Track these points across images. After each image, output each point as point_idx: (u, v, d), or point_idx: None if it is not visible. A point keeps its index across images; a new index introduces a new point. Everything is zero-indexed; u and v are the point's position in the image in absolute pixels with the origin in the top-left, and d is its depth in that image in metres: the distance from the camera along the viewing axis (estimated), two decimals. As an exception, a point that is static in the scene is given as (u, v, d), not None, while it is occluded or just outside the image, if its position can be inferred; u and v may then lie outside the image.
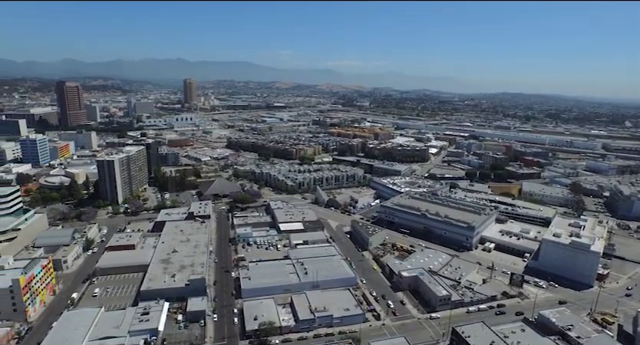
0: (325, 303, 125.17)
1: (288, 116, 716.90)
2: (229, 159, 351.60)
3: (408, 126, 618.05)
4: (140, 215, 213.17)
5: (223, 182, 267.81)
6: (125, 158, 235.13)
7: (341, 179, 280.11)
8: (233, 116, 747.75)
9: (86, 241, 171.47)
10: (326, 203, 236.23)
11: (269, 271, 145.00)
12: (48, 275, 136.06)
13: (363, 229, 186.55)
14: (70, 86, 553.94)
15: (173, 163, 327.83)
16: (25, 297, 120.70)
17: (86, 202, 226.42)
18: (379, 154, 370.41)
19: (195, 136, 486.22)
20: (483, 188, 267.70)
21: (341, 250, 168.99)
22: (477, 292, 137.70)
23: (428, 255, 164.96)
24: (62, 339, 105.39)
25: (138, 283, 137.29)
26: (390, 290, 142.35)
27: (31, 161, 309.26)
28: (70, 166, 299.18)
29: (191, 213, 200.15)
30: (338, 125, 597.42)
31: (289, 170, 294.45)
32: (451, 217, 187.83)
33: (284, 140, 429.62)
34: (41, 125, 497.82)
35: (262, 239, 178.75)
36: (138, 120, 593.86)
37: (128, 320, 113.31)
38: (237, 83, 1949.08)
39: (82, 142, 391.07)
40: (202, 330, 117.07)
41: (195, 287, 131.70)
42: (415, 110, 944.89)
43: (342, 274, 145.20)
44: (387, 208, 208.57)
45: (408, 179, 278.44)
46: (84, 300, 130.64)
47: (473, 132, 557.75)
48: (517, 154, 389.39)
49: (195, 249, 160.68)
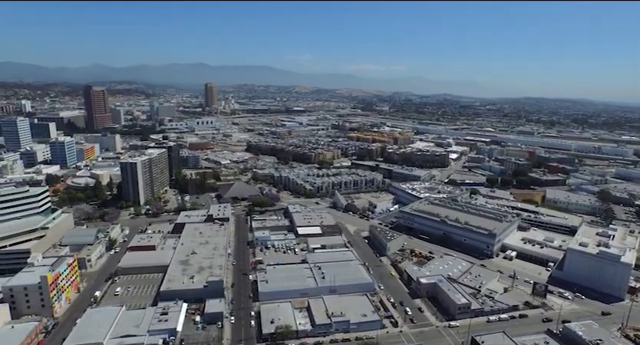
0: (342, 308, 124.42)
1: (307, 121, 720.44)
2: (249, 163, 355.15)
3: (428, 131, 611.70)
4: (160, 217, 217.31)
5: (242, 185, 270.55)
6: (147, 160, 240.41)
7: (360, 184, 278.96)
8: (253, 119, 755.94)
9: (109, 240, 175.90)
10: (344, 208, 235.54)
11: (287, 275, 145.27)
12: (73, 273, 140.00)
13: (381, 234, 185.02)
14: (97, 90, 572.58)
15: (194, 166, 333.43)
16: (52, 293, 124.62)
17: (109, 202, 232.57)
18: (398, 159, 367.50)
19: (215, 140, 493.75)
20: (504, 194, 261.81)
21: (359, 255, 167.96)
22: (498, 301, 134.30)
23: (447, 262, 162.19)
24: (86, 335, 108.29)
25: (158, 283, 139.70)
26: (408, 297, 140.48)
27: (59, 162, 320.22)
28: (95, 168, 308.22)
29: (210, 215, 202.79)
30: (357, 129, 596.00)
31: (308, 174, 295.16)
32: (471, 223, 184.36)
33: (303, 144, 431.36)
34: (69, 128, 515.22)
35: (280, 243, 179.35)
36: (160, 123, 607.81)
37: (148, 320, 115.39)
38: (257, 88, 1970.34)
39: (107, 145, 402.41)
40: (219, 332, 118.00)
41: (213, 289, 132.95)
42: (435, 115, 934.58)
43: (360, 279, 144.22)
44: (406, 214, 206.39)
45: (428, 185, 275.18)
46: (106, 299, 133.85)
47: (495, 137, 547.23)
48: (541, 160, 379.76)
49: (213, 251, 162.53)
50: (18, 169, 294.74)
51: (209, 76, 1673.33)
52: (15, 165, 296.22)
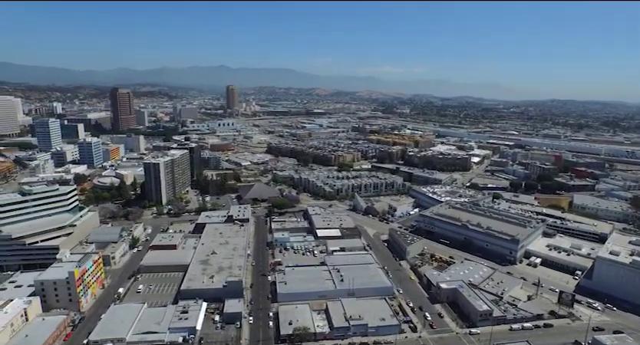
0: (361, 311, 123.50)
1: (327, 123, 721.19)
2: (269, 164, 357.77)
3: (449, 134, 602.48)
4: (181, 217, 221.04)
5: (262, 186, 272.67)
6: (170, 161, 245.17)
7: (380, 187, 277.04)
8: (273, 121, 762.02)
9: (132, 239, 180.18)
10: (364, 210, 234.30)
11: (305, 277, 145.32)
12: (99, 270, 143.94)
13: (401, 238, 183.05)
14: (122, 92, 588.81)
15: (215, 167, 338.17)
16: (79, 288, 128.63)
17: (133, 202, 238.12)
18: (419, 162, 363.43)
19: (236, 141, 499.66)
20: (529, 199, 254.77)
21: (378, 258, 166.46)
22: (521, 309, 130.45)
23: (468, 267, 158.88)
24: (110, 330, 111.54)
25: (178, 282, 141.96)
26: (427, 302, 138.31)
27: (86, 162, 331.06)
28: (120, 168, 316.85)
29: (230, 216, 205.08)
30: (377, 132, 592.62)
31: (328, 176, 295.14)
32: (494, 229, 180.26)
33: (323, 146, 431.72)
34: (96, 129, 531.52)
35: (299, 244, 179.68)
36: (183, 125, 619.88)
37: (168, 317, 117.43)
38: (278, 90, 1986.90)
39: (131, 146, 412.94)
40: (237, 332, 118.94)
41: (232, 289, 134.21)
42: (457, 118, 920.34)
43: (379, 282, 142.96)
44: (427, 218, 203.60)
45: (449, 188, 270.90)
46: (128, 296, 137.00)
47: (519, 140, 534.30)
48: (568, 164, 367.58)
49: (233, 252, 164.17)
50: (49, 168, 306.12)
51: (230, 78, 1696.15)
52: (47, 165, 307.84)
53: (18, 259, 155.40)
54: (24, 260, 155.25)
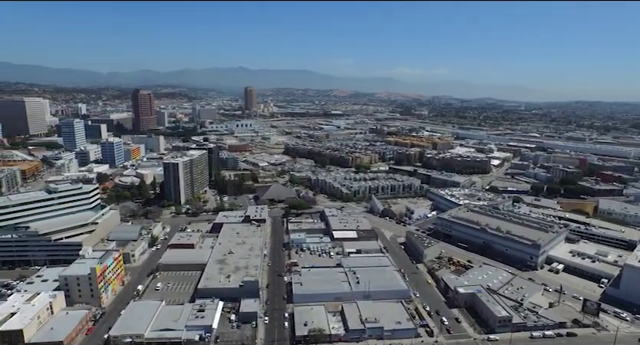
0: (376, 314, 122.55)
1: (345, 124, 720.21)
2: (286, 165, 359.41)
3: (469, 136, 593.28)
4: (199, 216, 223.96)
5: (280, 187, 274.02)
6: (188, 161, 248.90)
7: (397, 189, 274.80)
8: (291, 123, 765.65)
9: (151, 237, 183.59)
10: (381, 212, 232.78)
11: (321, 278, 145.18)
12: (119, 267, 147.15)
13: (418, 241, 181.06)
14: (144, 94, 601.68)
15: (233, 168, 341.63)
16: (100, 284, 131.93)
17: (152, 201, 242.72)
18: (437, 164, 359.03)
19: (254, 142, 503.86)
20: (551, 203, 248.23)
21: (395, 261, 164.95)
22: (542, 316, 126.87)
23: (487, 272, 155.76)
24: (129, 326, 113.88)
25: (196, 281, 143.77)
26: (444, 306, 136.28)
27: (108, 162, 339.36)
28: (140, 167, 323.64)
29: (247, 216, 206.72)
30: (395, 134, 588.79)
31: (345, 178, 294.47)
32: (514, 233, 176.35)
33: (340, 148, 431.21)
34: (118, 129, 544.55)
35: (316, 246, 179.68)
36: (202, 126, 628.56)
37: (185, 315, 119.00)
38: (296, 91, 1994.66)
39: (151, 146, 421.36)
40: (253, 332, 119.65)
41: (248, 289, 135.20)
42: (476, 120, 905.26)
43: (395, 285, 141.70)
44: (445, 221, 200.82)
45: (467, 191, 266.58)
46: (147, 293, 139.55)
47: (541, 143, 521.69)
48: (593, 168, 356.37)
49: (250, 252, 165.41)
50: (73, 167, 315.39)
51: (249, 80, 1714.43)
52: (71, 164, 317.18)
53: (45, 254, 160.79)
54: (50, 255, 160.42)
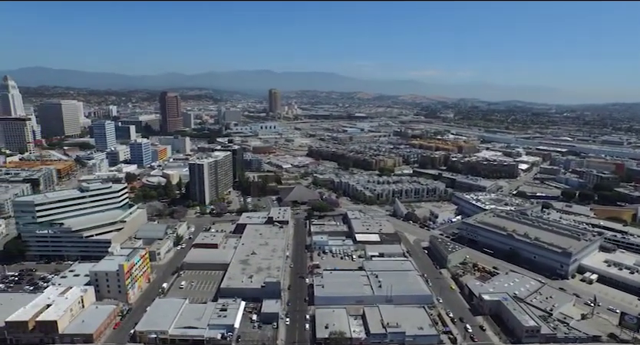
0: (398, 319, 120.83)
1: (368, 127, 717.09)
2: (309, 168, 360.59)
3: (495, 140, 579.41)
4: (223, 217, 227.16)
5: (303, 189, 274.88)
6: (213, 162, 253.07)
7: (421, 193, 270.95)
8: (315, 125, 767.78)
9: (176, 237, 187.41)
10: (404, 216, 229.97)
11: (343, 281, 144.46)
12: (145, 264, 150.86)
13: (442, 246, 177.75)
14: (171, 96, 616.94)
15: (256, 169, 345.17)
16: (127, 281, 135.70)
17: (178, 201, 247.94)
18: (462, 168, 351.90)
19: (278, 144, 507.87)
20: (583, 210, 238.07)
21: (418, 265, 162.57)
22: (574, 328, 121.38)
23: (514, 279, 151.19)
24: (154, 323, 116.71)
25: (218, 280, 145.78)
26: (468, 313, 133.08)
27: (137, 162, 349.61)
28: (166, 168, 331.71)
29: (270, 218, 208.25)
30: (419, 137, 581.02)
31: (368, 181, 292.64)
32: (543, 240, 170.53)
33: (364, 150, 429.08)
34: (146, 130, 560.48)
35: (338, 248, 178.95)
36: (226, 127, 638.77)
37: (208, 314, 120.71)
38: (320, 93, 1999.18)
39: (177, 147, 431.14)
40: (274, 332, 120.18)
41: (270, 290, 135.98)
42: (504, 123, 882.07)
43: (418, 290, 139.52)
44: (470, 226, 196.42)
45: (494, 196, 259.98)
46: (172, 291, 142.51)
47: (573, 147, 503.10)
48: (631, 174, 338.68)
49: (272, 253, 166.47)
50: (104, 167, 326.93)
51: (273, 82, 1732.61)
52: (102, 164, 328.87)
53: (77, 250, 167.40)
54: (82, 251, 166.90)
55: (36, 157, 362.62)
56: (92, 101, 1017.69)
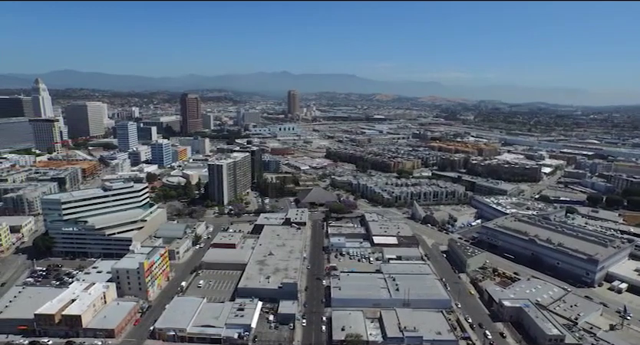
0: (416, 323, 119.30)
1: (387, 129, 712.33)
2: (327, 169, 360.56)
3: (517, 143, 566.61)
4: (241, 217, 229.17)
5: (320, 191, 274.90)
6: (232, 163, 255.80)
7: (440, 195, 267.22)
8: (333, 127, 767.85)
9: (195, 236, 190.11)
10: (423, 219, 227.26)
11: (360, 283, 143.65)
12: (165, 263, 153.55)
13: (461, 250, 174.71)
14: (191, 98, 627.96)
15: (274, 170, 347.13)
16: (147, 279, 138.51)
17: (197, 201, 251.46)
18: (483, 171, 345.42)
19: (296, 146, 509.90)
20: (611, 216, 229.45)
21: (436, 269, 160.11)
22: (602, 339, 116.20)
23: (536, 286, 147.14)
24: (173, 320, 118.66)
25: (236, 280, 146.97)
26: (488, 319, 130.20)
27: (157, 162, 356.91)
28: (186, 168, 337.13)
29: (288, 219, 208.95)
30: (439, 139, 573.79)
31: (386, 183, 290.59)
32: (567, 246, 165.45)
33: (382, 153, 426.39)
34: (167, 131, 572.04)
35: (355, 250, 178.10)
36: (245, 129, 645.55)
37: (225, 313, 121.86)
38: (338, 95, 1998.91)
39: (197, 148, 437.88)
40: (290, 333, 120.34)
41: (287, 291, 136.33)
42: (526, 125, 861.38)
43: (436, 294, 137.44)
44: (490, 230, 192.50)
45: (515, 200, 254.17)
46: (190, 289, 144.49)
47: (600, 150, 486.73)
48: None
49: (289, 254, 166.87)
50: (126, 166, 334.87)
51: (292, 84, 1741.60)
52: (124, 164, 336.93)
53: (100, 247, 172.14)
54: (104, 248, 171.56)
55: (63, 157, 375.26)
56: (116, 103, 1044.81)
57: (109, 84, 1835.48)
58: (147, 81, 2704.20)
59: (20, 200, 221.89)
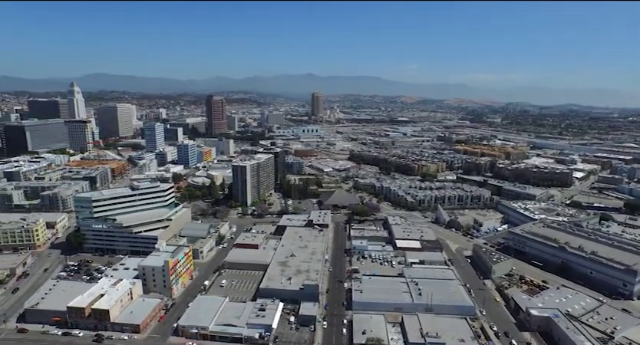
0: (438, 329, 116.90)
1: (411, 131, 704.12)
2: (350, 171, 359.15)
3: (547, 146, 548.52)
4: (264, 218, 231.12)
5: (343, 193, 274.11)
6: (256, 164, 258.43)
7: (465, 200, 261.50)
8: (357, 129, 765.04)
9: (218, 236, 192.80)
10: (447, 223, 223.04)
11: (382, 287, 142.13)
12: (189, 262, 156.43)
13: (486, 255, 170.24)
14: (216, 99, 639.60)
15: (298, 172, 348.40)
16: (172, 277, 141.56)
17: (221, 201, 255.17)
18: (510, 175, 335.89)
19: (319, 147, 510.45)
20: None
21: (460, 275, 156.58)
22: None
23: (566, 295, 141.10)
24: (195, 318, 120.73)
25: (258, 280, 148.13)
26: (514, 328, 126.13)
27: (183, 163, 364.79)
28: (211, 169, 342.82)
29: (310, 221, 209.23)
30: (464, 142, 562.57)
31: (410, 186, 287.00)
32: (601, 254, 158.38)
33: (406, 155, 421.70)
34: (192, 132, 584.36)
35: (377, 254, 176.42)
36: (269, 130, 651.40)
37: (247, 313, 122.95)
38: (362, 97, 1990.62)
39: (222, 149, 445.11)
40: (311, 335, 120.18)
41: (308, 292, 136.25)
42: (557, 128, 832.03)
43: (459, 300, 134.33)
44: (517, 236, 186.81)
45: (544, 205, 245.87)
46: (213, 288, 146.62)
47: (639, 154, 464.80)
48: None
49: (311, 256, 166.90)
50: (153, 167, 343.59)
51: (316, 86, 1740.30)
52: (151, 164, 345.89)
53: (127, 245, 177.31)
54: (131, 246, 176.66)
55: (94, 157, 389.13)
56: (144, 105, 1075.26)
57: (138, 87, 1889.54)
58: (174, 84, 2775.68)
59: (55, 197, 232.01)
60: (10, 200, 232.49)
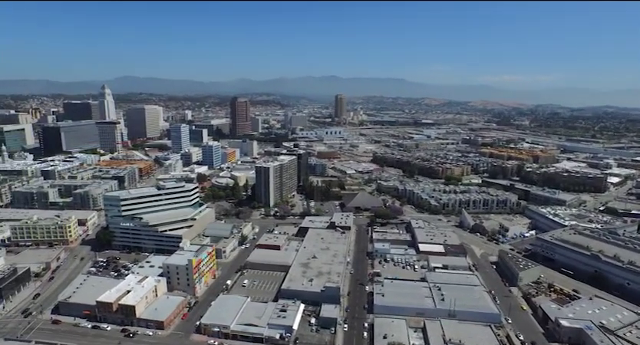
0: (461, 335, 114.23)
1: (435, 134, 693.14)
2: (374, 174, 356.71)
3: (579, 150, 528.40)
4: (286, 219, 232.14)
5: (366, 195, 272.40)
6: (279, 166, 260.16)
7: (491, 204, 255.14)
8: (380, 131, 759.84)
9: (241, 236, 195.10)
10: (471, 228, 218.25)
11: (404, 291, 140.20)
12: (212, 261, 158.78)
13: (513, 262, 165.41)
14: (241, 101, 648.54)
15: (320, 174, 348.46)
16: (195, 275, 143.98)
17: (244, 202, 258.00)
18: (538, 179, 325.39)
19: (342, 149, 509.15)
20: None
21: (485, 281, 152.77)
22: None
23: (600, 306, 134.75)
24: (218, 317, 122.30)
25: (279, 281, 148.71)
26: (542, 339, 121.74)
27: (207, 163, 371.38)
28: (234, 170, 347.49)
29: (333, 223, 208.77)
30: (490, 145, 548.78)
31: (434, 189, 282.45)
32: (639, 264, 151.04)
33: (430, 158, 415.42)
34: (217, 134, 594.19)
35: (400, 257, 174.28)
36: (292, 132, 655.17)
37: (268, 314, 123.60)
38: (386, 99, 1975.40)
39: (245, 150, 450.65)
40: (331, 337, 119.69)
41: (329, 295, 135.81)
42: (590, 131, 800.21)
43: (484, 307, 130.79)
44: (545, 242, 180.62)
45: (575, 211, 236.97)
46: (235, 288, 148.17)
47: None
48: None
49: (333, 258, 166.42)
50: (178, 167, 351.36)
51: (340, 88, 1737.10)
52: (177, 164, 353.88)
53: (152, 243, 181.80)
54: (157, 244, 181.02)
55: (123, 157, 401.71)
56: (170, 106, 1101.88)
57: (164, 89, 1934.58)
58: (199, 86, 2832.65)
59: (86, 196, 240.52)
60: (46, 197, 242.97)
